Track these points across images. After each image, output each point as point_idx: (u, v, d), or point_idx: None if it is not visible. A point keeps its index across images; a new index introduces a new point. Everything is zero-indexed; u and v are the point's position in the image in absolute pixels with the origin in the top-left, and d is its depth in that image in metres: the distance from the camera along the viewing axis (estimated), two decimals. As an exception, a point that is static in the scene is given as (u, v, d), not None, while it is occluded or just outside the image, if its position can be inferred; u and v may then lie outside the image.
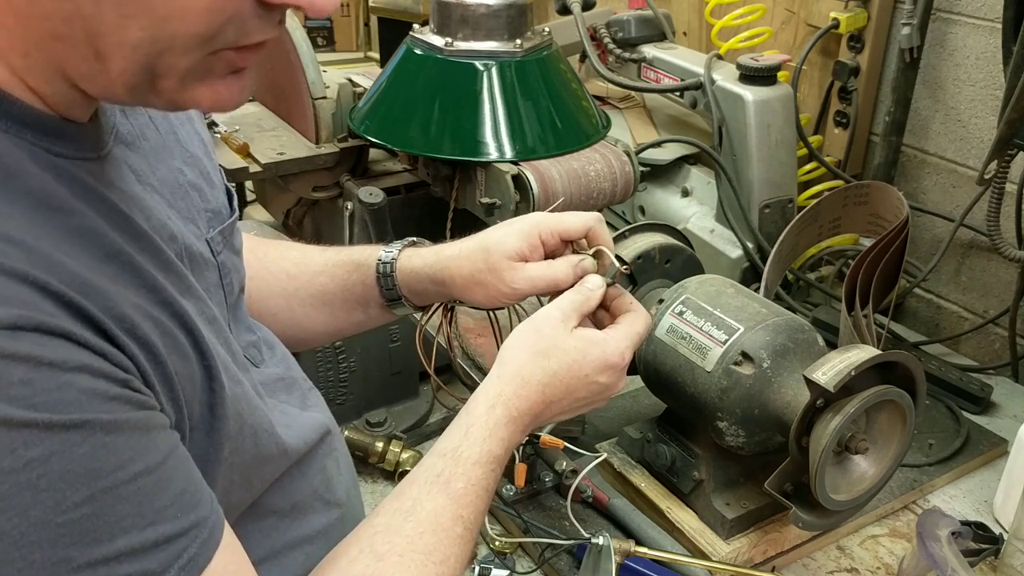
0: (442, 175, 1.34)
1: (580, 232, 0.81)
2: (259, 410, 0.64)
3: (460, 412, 0.73)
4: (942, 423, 1.25)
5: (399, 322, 1.24)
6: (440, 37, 1.28)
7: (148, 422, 0.48)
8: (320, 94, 1.45)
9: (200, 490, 0.52)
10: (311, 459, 0.73)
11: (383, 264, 0.87)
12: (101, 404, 0.45)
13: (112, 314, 0.47)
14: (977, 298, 1.53)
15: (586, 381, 0.75)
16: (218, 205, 0.69)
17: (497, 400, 0.72)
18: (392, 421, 1.22)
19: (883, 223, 1.20)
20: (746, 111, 1.42)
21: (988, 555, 0.99)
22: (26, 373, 0.41)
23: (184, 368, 0.53)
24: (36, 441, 0.41)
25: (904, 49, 1.47)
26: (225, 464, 0.58)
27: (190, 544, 0.49)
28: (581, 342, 0.74)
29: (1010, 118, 1.14)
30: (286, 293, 0.89)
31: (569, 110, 1.33)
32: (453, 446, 0.69)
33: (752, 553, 0.99)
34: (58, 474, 0.42)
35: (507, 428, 0.71)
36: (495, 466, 0.70)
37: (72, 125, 0.51)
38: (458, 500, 0.67)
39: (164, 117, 0.66)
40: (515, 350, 0.75)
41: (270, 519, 0.68)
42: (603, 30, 1.66)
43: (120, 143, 0.58)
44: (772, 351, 0.92)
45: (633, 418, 1.17)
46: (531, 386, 0.73)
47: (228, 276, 0.68)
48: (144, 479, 0.47)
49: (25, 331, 0.42)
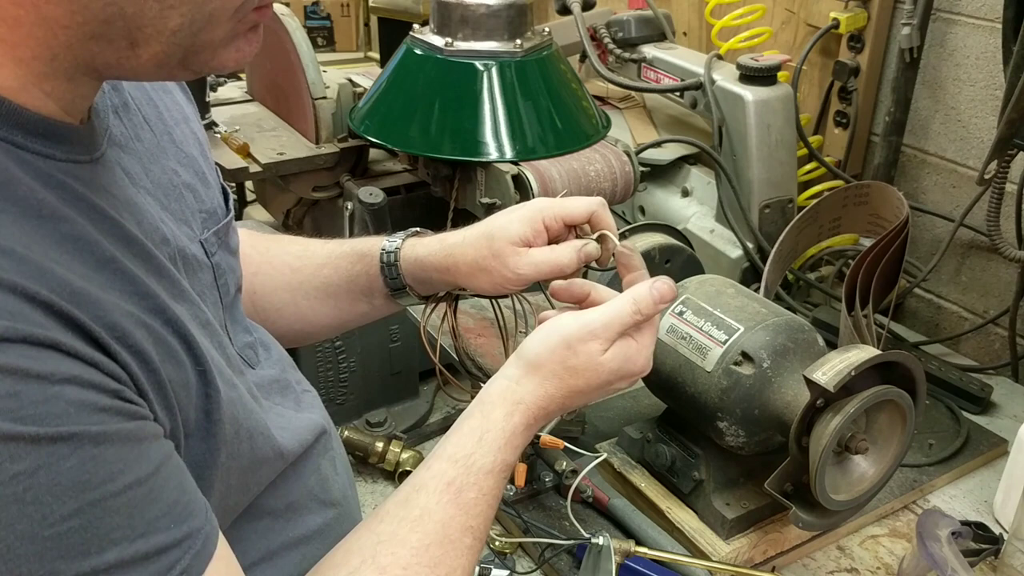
0: (442, 175, 1.35)
1: (584, 217, 0.80)
2: (255, 413, 0.63)
3: (471, 411, 0.71)
4: (942, 423, 1.25)
5: (399, 322, 1.24)
6: (440, 37, 1.28)
7: (139, 432, 0.48)
8: (320, 94, 1.45)
9: (193, 500, 0.51)
10: (306, 460, 0.72)
11: (387, 253, 0.86)
12: (90, 416, 0.44)
13: (103, 323, 0.47)
14: (977, 298, 1.53)
15: (607, 389, 0.73)
16: (213, 205, 0.69)
17: (516, 408, 0.70)
18: (392, 421, 1.22)
19: (883, 223, 1.20)
20: (746, 111, 1.42)
21: (988, 555, 0.99)
22: (13, 386, 0.41)
23: (178, 375, 0.53)
24: (23, 454, 0.41)
25: (904, 49, 1.47)
26: (222, 469, 0.57)
27: (183, 556, 0.48)
28: (616, 361, 0.71)
29: (1010, 118, 1.14)
30: (290, 287, 0.88)
31: (569, 110, 1.33)
32: (466, 453, 0.67)
33: (752, 553, 0.99)
34: (45, 487, 0.42)
35: (523, 436, 0.70)
36: (507, 474, 0.69)
37: (65, 127, 0.51)
38: (468, 510, 0.65)
39: (159, 118, 0.66)
40: (542, 358, 0.71)
41: (265, 520, 0.67)
42: (603, 30, 1.66)
43: (114, 145, 0.57)
44: (772, 351, 0.92)
45: (633, 418, 1.17)
46: (554, 400, 0.71)
47: (223, 277, 0.68)
48: (135, 490, 0.46)
49: (12, 343, 0.41)
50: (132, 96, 0.63)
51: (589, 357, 0.70)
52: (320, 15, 3.13)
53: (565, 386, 0.71)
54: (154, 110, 0.66)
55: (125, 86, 0.63)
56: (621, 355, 0.71)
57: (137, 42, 0.47)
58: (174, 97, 0.70)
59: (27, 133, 0.48)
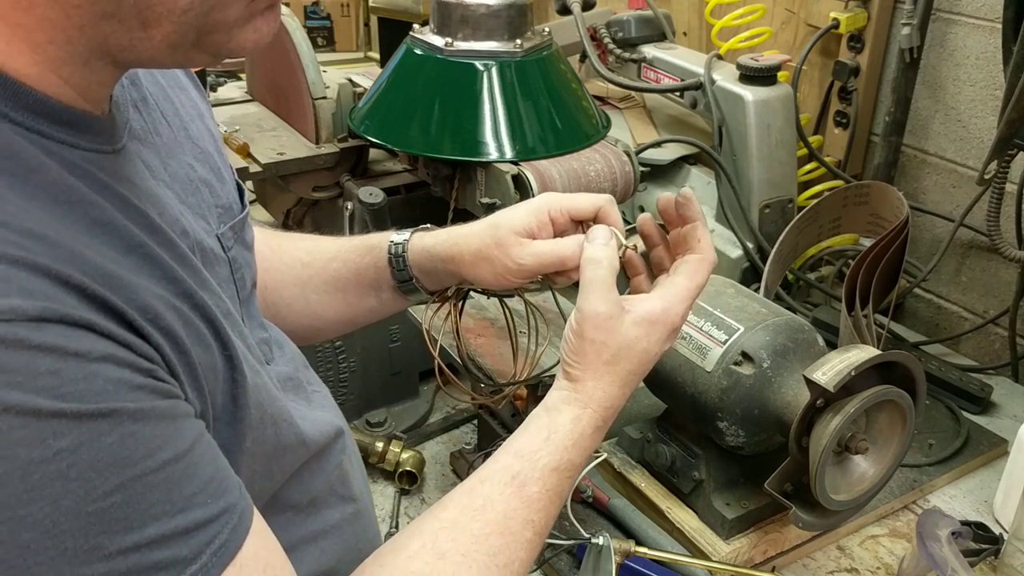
0: (442, 175, 1.35)
1: (590, 212, 0.79)
2: (278, 400, 0.64)
3: (538, 413, 0.71)
4: (942, 423, 1.25)
5: (399, 322, 1.24)
6: (440, 37, 1.28)
7: (174, 410, 0.49)
8: (320, 94, 1.45)
9: (228, 477, 0.52)
10: (328, 454, 0.73)
11: (395, 245, 0.86)
12: (127, 393, 0.45)
13: (135, 304, 0.47)
14: (977, 298, 1.53)
15: (654, 356, 0.73)
16: (229, 201, 0.69)
17: (583, 414, 0.70)
18: (392, 421, 1.23)
19: (883, 223, 1.20)
20: (746, 111, 1.42)
21: (988, 555, 0.99)
22: (53, 364, 0.42)
23: (207, 358, 0.53)
24: (65, 431, 0.42)
25: (904, 49, 1.47)
26: (248, 454, 0.58)
27: (221, 530, 0.49)
28: (642, 328, 0.70)
29: (1010, 118, 1.14)
30: (300, 281, 0.88)
31: (569, 110, 1.33)
32: (532, 449, 0.68)
33: (752, 553, 0.99)
34: (87, 463, 0.43)
35: (592, 438, 0.70)
36: (572, 473, 0.69)
37: (88, 117, 0.51)
38: (531, 504, 0.65)
39: (176, 113, 0.66)
40: (582, 367, 0.70)
41: (288, 513, 0.68)
42: (603, 30, 1.66)
43: (134, 138, 0.58)
44: (772, 351, 0.92)
45: (633, 418, 1.17)
46: (614, 397, 0.71)
47: (240, 272, 0.68)
48: (172, 466, 0.47)
49: (50, 323, 0.42)
50: (150, 92, 0.63)
51: (616, 338, 0.70)
52: (320, 15, 3.13)
53: (617, 377, 0.70)
54: (171, 106, 0.66)
55: (144, 82, 0.63)
56: (645, 321, 0.70)
57: (148, 22, 0.47)
58: (189, 94, 0.71)
59: (51, 122, 0.48)
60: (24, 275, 0.42)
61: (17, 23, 0.45)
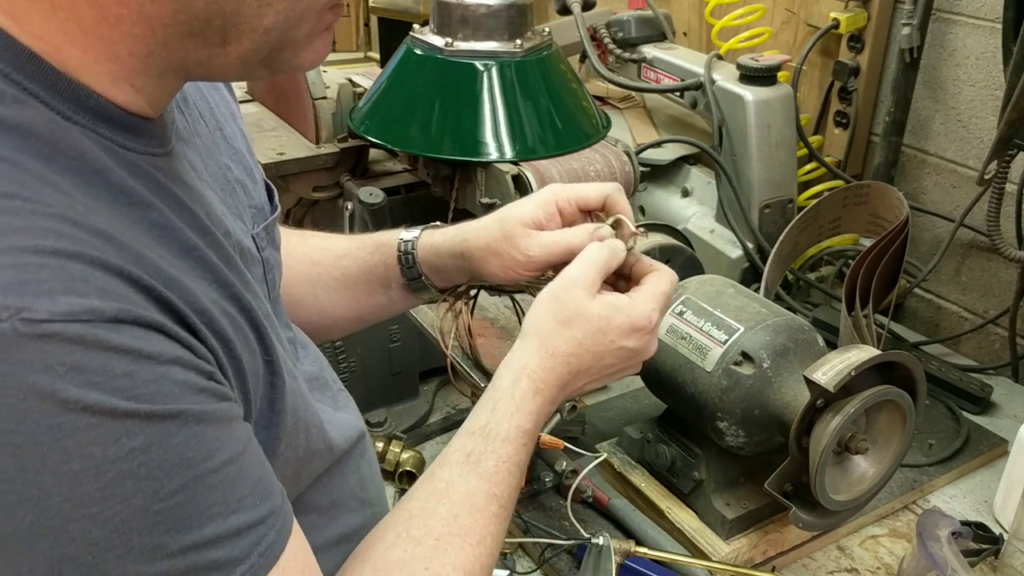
0: (442, 175, 1.35)
1: (598, 201, 0.79)
2: (310, 406, 0.65)
3: (487, 389, 0.72)
4: (942, 423, 1.25)
5: (399, 322, 1.24)
6: (440, 37, 1.28)
7: (229, 413, 0.49)
8: (320, 94, 1.45)
9: (272, 480, 0.53)
10: (349, 458, 0.74)
11: (404, 242, 0.86)
12: (192, 395, 0.46)
13: (194, 308, 0.48)
14: (977, 298, 1.53)
15: (613, 347, 0.72)
16: (260, 201, 0.70)
17: (521, 373, 0.70)
18: (392, 421, 1.22)
19: (883, 223, 1.20)
20: (746, 111, 1.42)
21: (988, 555, 0.99)
22: (128, 365, 0.43)
23: (252, 363, 0.54)
24: (137, 431, 0.43)
25: (904, 49, 1.47)
26: (280, 459, 0.59)
27: (268, 532, 0.50)
28: (605, 308, 0.72)
29: (1010, 118, 1.14)
30: (310, 279, 0.89)
31: (569, 110, 1.33)
32: (481, 424, 0.69)
33: (752, 553, 0.99)
34: (156, 463, 0.44)
35: (534, 401, 0.70)
36: (525, 440, 0.69)
37: (143, 121, 0.52)
38: (490, 479, 0.66)
39: (211, 113, 0.67)
40: (537, 320, 0.72)
41: (311, 516, 0.68)
42: (603, 30, 1.66)
43: (179, 139, 0.58)
44: (772, 351, 0.92)
45: (633, 418, 1.17)
46: (557, 358, 0.71)
47: (271, 272, 0.69)
48: (228, 468, 0.48)
49: (125, 324, 0.43)
50: (189, 92, 0.64)
51: (577, 306, 0.71)
52: (320, 15, 3.13)
53: (563, 339, 0.71)
54: (207, 106, 0.67)
55: None
56: (610, 304, 0.72)
57: (230, 40, 0.48)
58: (222, 94, 0.71)
59: (112, 126, 0.49)
60: (100, 275, 0.43)
61: (100, 36, 0.46)
